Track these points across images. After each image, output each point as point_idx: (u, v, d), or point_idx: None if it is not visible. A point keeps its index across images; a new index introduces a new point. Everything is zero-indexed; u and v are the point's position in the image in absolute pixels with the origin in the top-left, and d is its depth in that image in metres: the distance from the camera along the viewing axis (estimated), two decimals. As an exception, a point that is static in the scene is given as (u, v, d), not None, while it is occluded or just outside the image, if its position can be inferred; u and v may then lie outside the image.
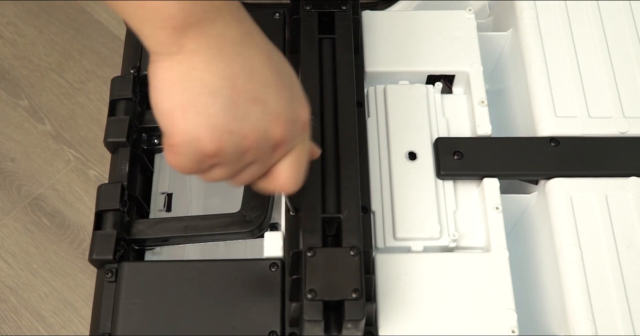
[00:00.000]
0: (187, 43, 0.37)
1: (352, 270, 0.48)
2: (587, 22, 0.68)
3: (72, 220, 1.23)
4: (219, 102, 0.38)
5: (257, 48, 0.40)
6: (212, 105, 0.38)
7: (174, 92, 0.38)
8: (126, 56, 0.67)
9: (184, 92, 0.38)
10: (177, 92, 0.38)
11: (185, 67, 0.38)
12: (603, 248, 0.57)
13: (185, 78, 0.38)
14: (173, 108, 0.38)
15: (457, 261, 0.57)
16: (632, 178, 0.60)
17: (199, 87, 0.38)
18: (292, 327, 0.53)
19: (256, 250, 0.61)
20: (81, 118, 1.31)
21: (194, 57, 0.38)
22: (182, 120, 0.38)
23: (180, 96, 0.38)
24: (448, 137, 0.62)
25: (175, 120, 0.38)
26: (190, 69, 0.38)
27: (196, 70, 0.38)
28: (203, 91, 0.38)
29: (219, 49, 0.38)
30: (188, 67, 0.38)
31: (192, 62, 0.38)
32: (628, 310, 0.55)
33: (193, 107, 0.38)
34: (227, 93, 0.38)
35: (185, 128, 0.38)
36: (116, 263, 0.56)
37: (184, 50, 0.38)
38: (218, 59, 0.38)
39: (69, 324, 1.15)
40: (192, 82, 0.38)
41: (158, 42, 0.38)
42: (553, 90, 0.64)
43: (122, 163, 0.61)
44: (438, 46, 0.67)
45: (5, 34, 1.38)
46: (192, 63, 0.38)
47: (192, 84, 0.38)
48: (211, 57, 0.38)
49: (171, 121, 0.39)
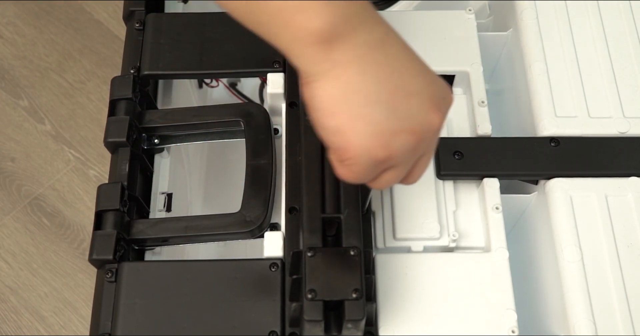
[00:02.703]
0: (338, 56, 0.38)
1: (352, 270, 0.48)
2: (587, 22, 0.68)
3: (72, 220, 1.23)
4: (381, 107, 0.39)
5: (396, 44, 0.41)
6: (376, 112, 0.39)
7: (339, 109, 0.39)
8: (126, 56, 0.67)
9: (348, 107, 0.39)
10: (342, 108, 0.39)
11: (342, 81, 0.39)
12: (603, 248, 0.57)
13: (345, 92, 0.39)
14: (341, 124, 0.40)
15: (457, 261, 0.57)
16: (632, 178, 0.60)
17: (360, 98, 0.39)
18: (292, 327, 0.53)
19: (256, 250, 0.61)
20: (81, 118, 1.31)
21: (347, 69, 0.39)
22: (353, 134, 0.40)
23: (346, 111, 0.39)
24: (448, 137, 0.62)
25: (346, 135, 0.40)
26: (348, 83, 0.39)
27: (353, 83, 0.39)
28: (365, 101, 0.39)
29: (368, 56, 0.39)
30: (345, 81, 0.39)
31: (348, 75, 0.39)
32: (628, 310, 0.55)
33: (360, 118, 0.39)
34: (385, 98, 0.39)
35: (358, 140, 0.40)
36: (116, 263, 0.56)
37: (336, 64, 0.38)
38: (370, 66, 0.39)
39: (69, 324, 1.15)
40: (353, 95, 0.39)
41: (310, 61, 0.39)
42: (553, 90, 0.64)
43: (122, 163, 0.61)
44: (438, 46, 0.67)
45: (5, 34, 1.38)
46: (347, 76, 0.39)
47: (354, 96, 0.39)
48: (363, 65, 0.39)
49: (342, 137, 0.40)
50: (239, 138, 0.65)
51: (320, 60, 0.38)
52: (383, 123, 0.40)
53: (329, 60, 0.38)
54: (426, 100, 0.41)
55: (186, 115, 0.63)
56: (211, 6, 0.83)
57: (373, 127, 0.39)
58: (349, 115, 0.39)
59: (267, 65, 0.65)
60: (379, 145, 0.40)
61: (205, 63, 0.65)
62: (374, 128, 0.39)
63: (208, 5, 0.83)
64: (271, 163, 0.60)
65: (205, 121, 0.63)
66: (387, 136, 0.40)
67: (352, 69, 0.39)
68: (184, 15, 0.71)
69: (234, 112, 0.63)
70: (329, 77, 0.39)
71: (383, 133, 0.40)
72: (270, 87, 0.64)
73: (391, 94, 0.40)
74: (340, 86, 0.39)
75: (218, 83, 0.89)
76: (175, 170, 0.73)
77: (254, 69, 0.65)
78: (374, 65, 0.39)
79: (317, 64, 0.39)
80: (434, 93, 0.42)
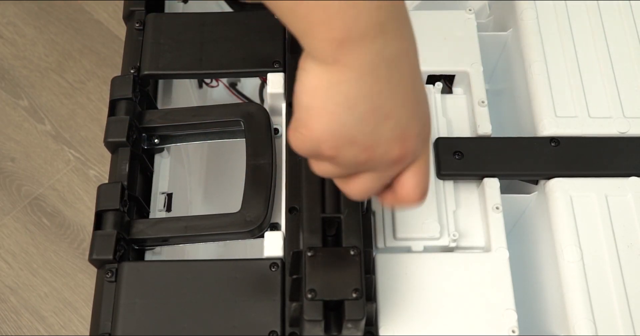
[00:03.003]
0: (343, 57, 0.38)
1: (352, 269, 0.48)
2: (587, 22, 0.68)
3: (72, 220, 1.23)
4: (353, 115, 0.40)
5: (408, 66, 0.41)
6: (345, 116, 0.40)
7: (317, 95, 0.40)
8: (126, 56, 0.67)
9: (325, 98, 0.39)
10: (319, 96, 0.40)
11: (334, 78, 0.39)
12: (603, 248, 0.57)
13: (331, 87, 0.39)
14: (311, 107, 0.40)
15: (457, 261, 0.57)
16: (632, 178, 0.60)
17: (340, 99, 0.39)
18: (292, 327, 0.53)
19: (256, 250, 0.61)
20: (81, 118, 1.31)
21: (346, 71, 0.39)
22: (315, 120, 0.40)
23: (320, 100, 0.40)
24: (448, 137, 0.62)
25: (309, 117, 0.40)
26: (339, 81, 0.39)
27: (343, 84, 0.39)
28: (343, 103, 0.39)
29: (371, 68, 0.39)
30: (337, 79, 0.39)
31: (343, 76, 0.39)
32: (628, 310, 0.55)
33: (328, 113, 0.40)
34: (363, 109, 0.40)
35: (314, 128, 0.40)
36: (116, 263, 0.56)
37: (338, 63, 0.38)
38: (367, 78, 0.39)
39: (69, 324, 1.15)
40: (335, 92, 0.39)
41: (319, 49, 0.39)
42: (553, 90, 0.64)
43: (122, 163, 0.61)
44: (438, 46, 0.67)
45: (5, 34, 1.38)
46: (342, 76, 0.39)
47: (335, 94, 0.39)
48: (362, 74, 0.39)
49: (305, 116, 0.41)
50: (239, 138, 0.65)
51: (326, 54, 0.39)
52: (346, 128, 0.40)
53: (333, 57, 0.38)
54: (397, 131, 0.41)
55: (186, 115, 0.63)
56: (211, 6, 0.83)
57: (334, 126, 0.40)
58: (321, 106, 0.40)
59: (267, 65, 0.65)
60: (330, 143, 0.41)
61: (205, 63, 0.65)
62: (334, 128, 0.40)
63: (208, 5, 0.83)
64: (271, 163, 0.60)
65: (205, 121, 0.63)
66: (342, 141, 0.40)
67: (349, 73, 0.39)
68: (184, 15, 0.71)
69: (234, 112, 0.63)
70: (325, 68, 0.39)
71: (340, 137, 0.40)
72: (270, 87, 0.64)
73: (370, 109, 0.40)
74: (329, 80, 0.39)
75: (218, 83, 0.89)
76: (175, 170, 0.73)
77: (254, 69, 0.65)
78: (371, 79, 0.39)
79: (322, 56, 0.39)
80: (409, 128, 0.41)
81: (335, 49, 0.38)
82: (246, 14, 0.68)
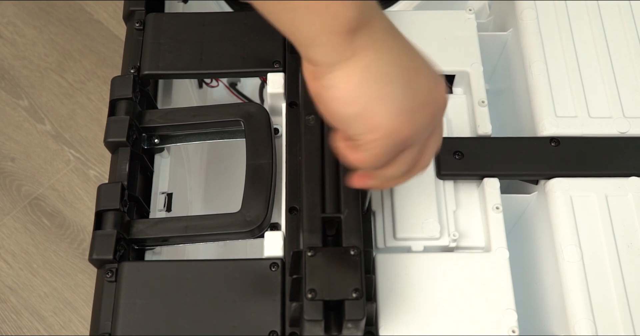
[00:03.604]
0: (358, 43, 0.39)
1: (352, 269, 0.48)
2: (587, 22, 0.68)
3: (72, 220, 1.23)
4: (398, 86, 0.41)
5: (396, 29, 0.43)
6: (395, 91, 0.40)
7: (361, 93, 0.40)
8: (126, 56, 0.67)
9: (369, 89, 0.40)
10: (364, 92, 0.40)
11: (361, 66, 0.40)
12: (603, 248, 0.57)
13: (364, 77, 0.40)
14: (364, 108, 0.40)
15: (457, 261, 0.57)
16: (632, 178, 0.60)
17: (379, 80, 0.40)
18: (292, 327, 0.53)
19: (256, 250, 0.61)
20: (81, 118, 1.31)
21: (366, 55, 0.40)
22: (378, 115, 0.41)
23: (368, 95, 0.40)
24: (448, 137, 0.62)
25: (371, 118, 0.41)
26: (366, 67, 0.40)
27: (371, 66, 0.40)
28: (383, 81, 0.40)
29: (382, 40, 0.40)
30: (364, 66, 0.40)
31: (366, 60, 0.40)
32: (628, 310, 0.55)
33: (381, 99, 0.40)
34: (400, 76, 0.41)
35: (384, 121, 0.41)
36: (116, 263, 0.56)
37: (356, 51, 0.39)
38: (384, 49, 0.40)
39: (69, 324, 1.15)
40: (372, 77, 0.40)
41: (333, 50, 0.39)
42: (553, 90, 0.64)
43: (122, 163, 0.61)
44: (438, 46, 0.67)
45: (5, 34, 1.38)
46: (365, 61, 0.40)
47: (373, 79, 0.40)
48: (379, 48, 0.40)
49: (366, 121, 0.41)
50: (239, 138, 0.65)
51: (343, 48, 0.39)
52: (403, 101, 0.41)
53: (351, 47, 0.39)
54: (431, 78, 0.43)
55: (186, 115, 0.63)
56: (211, 6, 0.83)
57: (395, 105, 0.40)
58: (370, 98, 0.40)
59: (267, 65, 0.65)
60: (403, 122, 0.41)
61: (205, 63, 0.65)
62: (396, 107, 0.41)
63: (208, 5, 0.83)
64: (271, 163, 0.60)
65: (205, 121, 0.63)
66: (409, 113, 0.41)
67: (369, 54, 0.40)
68: (184, 15, 0.71)
69: (234, 112, 0.63)
70: (348, 65, 0.40)
71: (406, 111, 0.41)
72: (270, 87, 0.64)
73: (404, 73, 0.41)
74: (359, 72, 0.40)
75: (218, 83, 0.89)
76: (175, 170, 0.73)
77: (254, 69, 0.65)
78: (387, 48, 0.40)
79: (339, 53, 0.39)
80: (434, 72, 0.44)
81: (352, 38, 0.39)
82: (246, 14, 0.68)
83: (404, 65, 0.41)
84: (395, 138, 0.41)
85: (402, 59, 0.41)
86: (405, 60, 0.41)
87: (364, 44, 0.39)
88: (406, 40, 0.43)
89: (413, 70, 0.42)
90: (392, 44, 0.41)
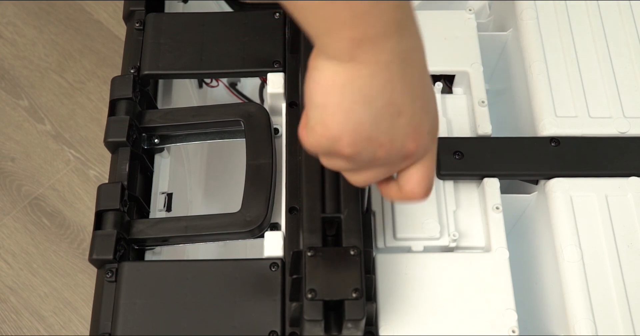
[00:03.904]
0: (360, 55, 0.39)
1: (352, 269, 0.48)
2: (587, 22, 0.68)
3: (72, 220, 1.23)
4: (370, 112, 0.40)
5: (418, 63, 0.41)
6: (362, 113, 0.40)
7: (333, 93, 0.40)
8: (126, 56, 0.67)
9: (342, 96, 0.40)
10: (335, 94, 0.40)
11: (350, 74, 0.39)
12: (603, 248, 0.57)
13: (346, 84, 0.40)
14: (327, 105, 0.40)
15: (457, 261, 0.57)
16: (632, 178, 0.60)
17: (356, 95, 0.40)
18: (292, 327, 0.53)
19: (256, 250, 0.61)
20: (81, 118, 1.31)
21: (362, 68, 0.39)
22: (331, 118, 0.40)
23: (337, 98, 0.40)
24: (448, 137, 0.62)
25: (325, 115, 0.41)
26: (355, 78, 0.39)
27: (359, 80, 0.39)
28: (359, 100, 0.40)
29: (386, 65, 0.39)
30: (353, 76, 0.39)
31: (359, 72, 0.39)
32: (628, 310, 0.55)
33: (345, 111, 0.40)
34: (378, 106, 0.40)
35: (331, 126, 0.41)
36: (116, 263, 0.56)
37: (354, 60, 0.39)
38: (383, 74, 0.40)
39: (69, 324, 1.15)
40: (352, 89, 0.40)
41: (334, 49, 0.39)
42: (553, 90, 0.64)
43: (122, 163, 0.61)
44: (438, 46, 0.67)
45: (5, 34, 1.38)
46: (358, 73, 0.39)
47: (352, 90, 0.40)
48: (377, 71, 0.39)
49: (321, 114, 0.41)
50: (239, 138, 0.65)
51: (343, 53, 0.39)
52: (363, 125, 0.40)
53: (351, 55, 0.39)
54: (411, 126, 0.42)
55: (186, 115, 0.63)
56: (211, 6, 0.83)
57: (352, 124, 0.40)
58: (338, 103, 0.40)
59: (267, 65, 0.65)
60: (348, 141, 0.41)
61: (205, 63, 0.65)
62: (352, 126, 0.40)
63: (208, 5, 0.83)
64: (271, 163, 0.60)
65: (205, 121, 0.63)
66: (359, 138, 0.41)
67: (365, 69, 0.39)
68: (184, 15, 0.71)
69: (234, 112, 0.63)
70: (341, 66, 0.39)
71: (358, 134, 0.41)
72: (270, 87, 0.64)
73: (385, 106, 0.40)
74: (345, 77, 0.40)
75: (218, 83, 0.89)
76: (175, 170, 0.73)
77: (254, 69, 0.65)
78: (386, 75, 0.40)
79: (338, 54, 0.39)
80: (422, 123, 0.42)
81: (354, 48, 0.38)
82: (246, 14, 0.68)
83: (390, 99, 0.40)
84: (330, 145, 0.41)
85: (394, 93, 0.40)
86: (395, 95, 0.40)
87: (365, 58, 0.39)
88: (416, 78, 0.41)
89: (395, 109, 0.41)
90: (395, 74, 0.40)
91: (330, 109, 0.40)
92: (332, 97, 0.40)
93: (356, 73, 0.39)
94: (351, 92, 0.40)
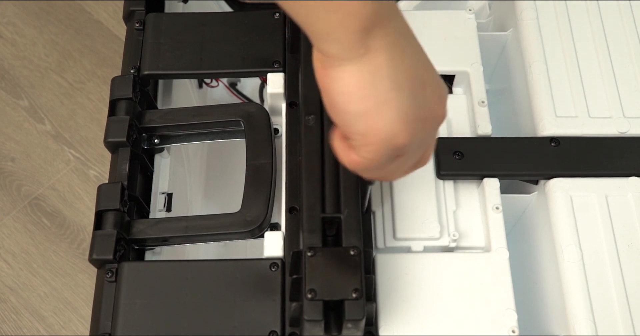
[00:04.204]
0: (372, 42, 0.39)
1: (352, 269, 0.48)
2: (587, 22, 0.68)
3: (72, 220, 1.23)
4: (404, 94, 0.40)
5: (411, 33, 0.42)
6: (401, 98, 0.40)
7: (367, 93, 0.40)
8: (126, 56, 0.67)
9: (376, 91, 0.40)
10: (370, 93, 0.40)
11: (372, 66, 0.39)
12: (603, 248, 0.57)
13: (374, 77, 0.40)
14: (368, 108, 0.40)
15: (457, 261, 0.57)
16: (632, 178, 0.60)
17: (388, 84, 0.40)
18: (292, 327, 0.53)
19: (256, 250, 0.61)
20: (81, 118, 1.31)
21: (378, 55, 0.39)
22: (379, 118, 0.40)
23: (374, 96, 0.40)
24: (448, 137, 0.62)
25: (373, 120, 0.40)
26: (378, 68, 0.39)
27: (382, 68, 0.40)
28: (390, 86, 0.40)
29: (396, 44, 0.40)
30: (375, 66, 0.39)
31: (378, 61, 0.39)
32: (628, 310, 0.55)
33: (386, 104, 0.40)
34: (408, 84, 0.40)
35: (384, 126, 0.40)
36: (116, 263, 0.56)
37: (370, 50, 0.39)
38: (398, 54, 0.40)
39: (69, 324, 1.15)
40: (381, 80, 0.40)
41: (348, 45, 0.39)
42: (553, 90, 0.64)
43: (122, 163, 0.61)
44: (438, 46, 0.67)
45: (5, 34, 1.38)
46: (377, 62, 0.39)
47: (382, 82, 0.40)
48: (392, 52, 0.40)
49: (368, 121, 0.40)
50: (239, 138, 0.65)
51: (357, 46, 0.39)
52: (407, 109, 0.40)
53: (365, 45, 0.39)
54: (436, 92, 0.43)
55: (186, 115, 0.63)
56: (211, 6, 0.83)
57: (399, 113, 0.40)
58: (377, 101, 0.40)
59: (267, 65, 0.65)
60: (403, 130, 0.41)
61: (205, 63, 0.65)
62: (399, 115, 0.40)
63: (208, 5, 0.83)
64: (271, 163, 0.60)
65: (205, 121, 0.63)
66: (410, 123, 0.41)
67: (382, 55, 0.39)
68: (184, 15, 0.71)
69: (234, 112, 0.63)
70: (360, 62, 0.39)
71: (408, 120, 0.41)
72: (270, 87, 0.64)
73: (413, 81, 0.41)
74: (369, 71, 0.39)
75: (218, 83, 0.89)
76: (175, 170, 0.73)
77: (254, 69, 0.65)
78: (400, 53, 0.40)
79: (352, 49, 0.39)
80: (440, 86, 0.43)
81: (366, 37, 0.39)
82: (246, 14, 0.68)
83: (414, 74, 0.41)
84: (390, 144, 0.41)
85: (413, 66, 0.41)
86: (415, 68, 0.41)
87: (377, 44, 0.39)
88: (419, 48, 0.42)
89: (421, 81, 0.41)
90: (406, 49, 0.41)
91: (372, 110, 0.40)
92: (368, 98, 0.40)
93: (376, 62, 0.39)
94: (381, 82, 0.40)
